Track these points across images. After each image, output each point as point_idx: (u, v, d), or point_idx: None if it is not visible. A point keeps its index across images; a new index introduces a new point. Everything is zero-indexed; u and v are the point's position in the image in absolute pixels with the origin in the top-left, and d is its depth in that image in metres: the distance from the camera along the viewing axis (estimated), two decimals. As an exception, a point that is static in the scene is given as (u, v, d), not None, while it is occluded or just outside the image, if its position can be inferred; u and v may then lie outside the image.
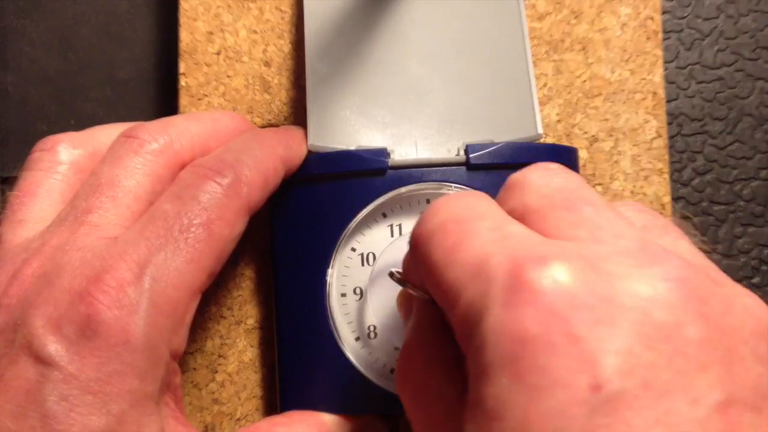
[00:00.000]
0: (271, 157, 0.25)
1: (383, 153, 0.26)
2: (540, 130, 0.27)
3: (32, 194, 0.24)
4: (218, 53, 0.31)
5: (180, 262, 0.22)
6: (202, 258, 0.23)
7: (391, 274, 0.24)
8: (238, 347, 0.30)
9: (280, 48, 0.31)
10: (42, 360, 0.20)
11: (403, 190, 0.26)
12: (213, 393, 0.29)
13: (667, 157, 0.31)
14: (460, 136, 0.28)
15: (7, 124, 0.33)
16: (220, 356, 0.30)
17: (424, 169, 0.27)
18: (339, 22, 0.29)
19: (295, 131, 0.28)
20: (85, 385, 0.20)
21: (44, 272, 0.22)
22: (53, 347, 0.20)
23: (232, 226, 0.24)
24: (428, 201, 0.27)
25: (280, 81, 0.31)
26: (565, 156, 0.28)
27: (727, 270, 0.34)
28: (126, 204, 0.23)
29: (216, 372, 0.30)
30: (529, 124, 0.28)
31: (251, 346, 0.30)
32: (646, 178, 0.31)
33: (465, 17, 0.29)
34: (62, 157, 0.25)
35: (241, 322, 0.30)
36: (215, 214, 0.23)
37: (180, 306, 0.22)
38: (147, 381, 0.21)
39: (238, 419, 0.29)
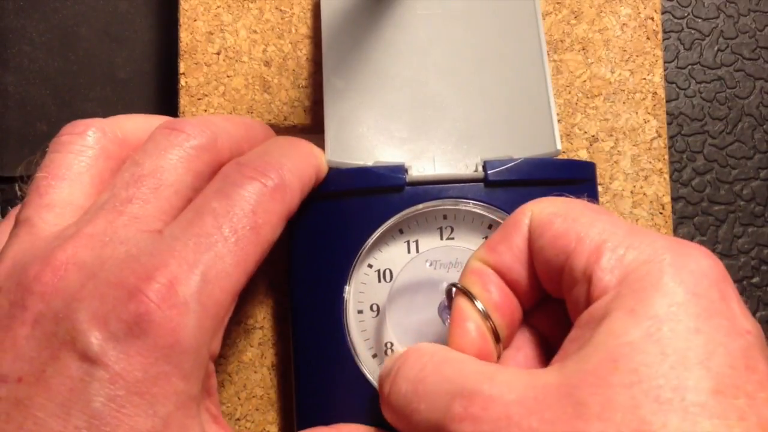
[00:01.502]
0: (308, 164, 0.25)
1: (401, 169, 0.26)
2: (559, 146, 0.27)
3: (61, 177, 0.23)
4: (218, 53, 0.31)
5: (228, 263, 0.21)
6: (248, 261, 0.22)
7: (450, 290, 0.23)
8: (238, 347, 0.30)
9: (280, 48, 0.31)
10: (87, 358, 0.19)
11: (420, 206, 0.26)
12: (213, 393, 0.29)
13: (667, 157, 0.31)
14: (478, 151, 0.28)
15: (7, 124, 0.34)
16: (219, 356, 0.30)
17: (442, 185, 0.26)
18: (356, 37, 0.29)
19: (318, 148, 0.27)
20: (132, 386, 0.19)
21: (83, 262, 0.21)
22: (100, 345, 0.19)
23: (275, 230, 0.23)
24: (445, 217, 0.27)
25: (280, 81, 0.31)
26: (584, 171, 0.28)
27: (726, 270, 0.34)
28: (166, 197, 0.22)
29: (215, 372, 0.30)
30: (548, 139, 0.27)
31: (251, 346, 0.30)
32: (646, 178, 0.31)
33: (483, 32, 0.29)
34: (92, 142, 0.24)
35: (241, 322, 0.30)
36: (262, 218, 0.22)
37: (223, 308, 0.22)
38: (191, 383, 0.21)
39: (238, 419, 0.29)
